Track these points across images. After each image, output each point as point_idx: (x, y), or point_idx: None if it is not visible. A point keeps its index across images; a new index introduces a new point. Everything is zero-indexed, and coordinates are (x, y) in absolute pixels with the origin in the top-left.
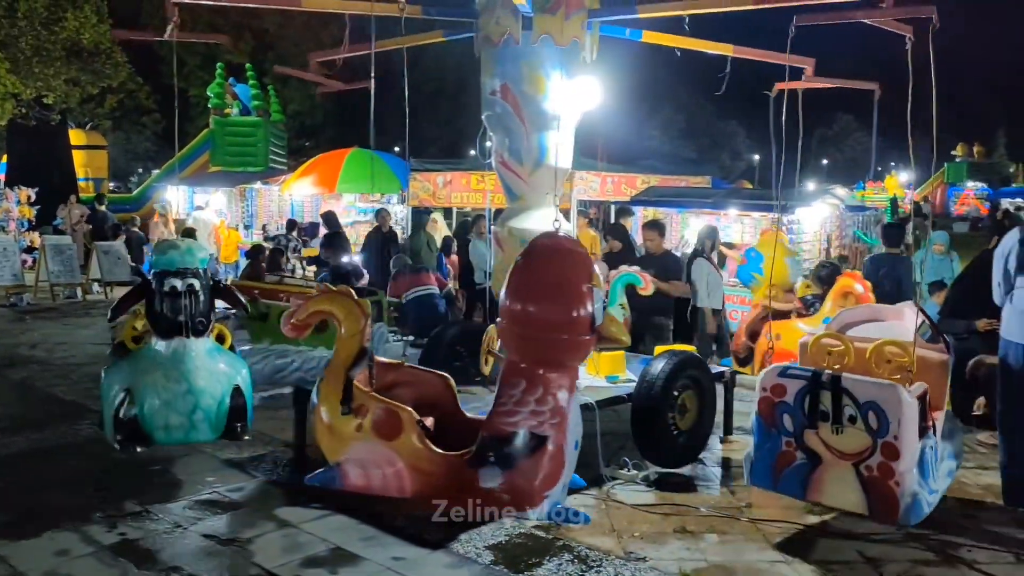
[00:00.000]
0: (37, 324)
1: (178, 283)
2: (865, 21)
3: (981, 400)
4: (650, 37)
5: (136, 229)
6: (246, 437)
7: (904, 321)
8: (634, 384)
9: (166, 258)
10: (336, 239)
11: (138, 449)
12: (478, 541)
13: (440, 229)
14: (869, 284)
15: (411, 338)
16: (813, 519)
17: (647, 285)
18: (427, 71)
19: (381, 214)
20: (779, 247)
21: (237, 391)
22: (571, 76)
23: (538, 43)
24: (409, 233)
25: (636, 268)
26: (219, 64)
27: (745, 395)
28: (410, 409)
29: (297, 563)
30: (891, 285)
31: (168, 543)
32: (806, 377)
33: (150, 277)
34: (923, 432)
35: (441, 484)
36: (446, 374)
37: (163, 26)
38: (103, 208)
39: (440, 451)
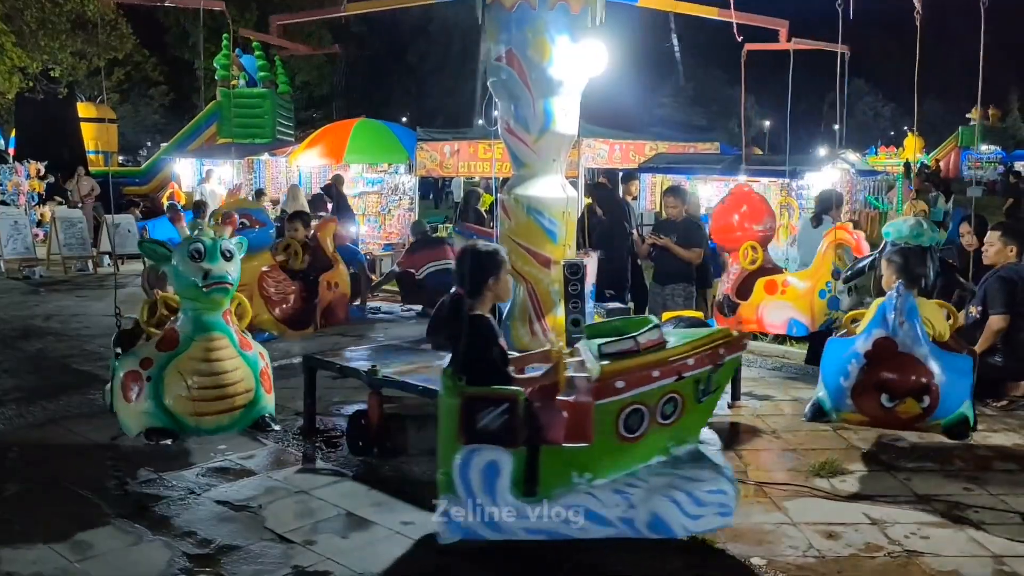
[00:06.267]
0: (50, 296)
1: None
2: None
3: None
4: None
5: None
6: None
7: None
8: None
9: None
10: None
11: None
12: None
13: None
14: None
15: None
16: (820, 482)
17: None
18: (432, 40)
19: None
20: None
21: None
22: (576, 40)
23: (539, 7)
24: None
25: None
26: (225, 36)
27: (752, 360)
28: None
29: (309, 527)
30: None
31: (182, 509)
32: None
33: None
34: None
35: None
36: None
37: None
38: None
39: None
